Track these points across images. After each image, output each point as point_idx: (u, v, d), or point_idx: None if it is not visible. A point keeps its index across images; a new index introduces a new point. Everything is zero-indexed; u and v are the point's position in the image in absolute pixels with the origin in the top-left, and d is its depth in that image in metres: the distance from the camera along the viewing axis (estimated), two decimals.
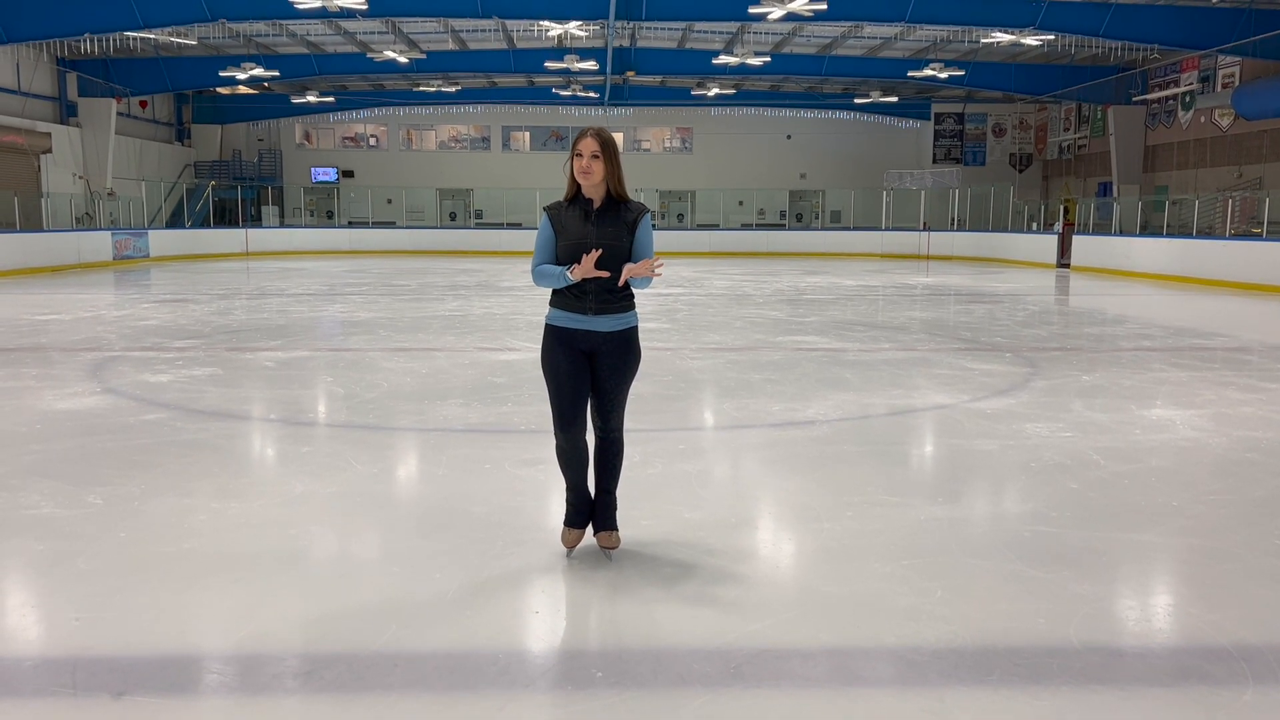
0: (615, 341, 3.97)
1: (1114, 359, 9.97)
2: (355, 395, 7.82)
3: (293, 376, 8.73)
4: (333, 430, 6.70)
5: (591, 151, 3.89)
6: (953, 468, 5.73)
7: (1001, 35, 22.15)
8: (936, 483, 5.41)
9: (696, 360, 9.72)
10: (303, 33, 27.05)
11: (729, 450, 6.26)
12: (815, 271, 24.78)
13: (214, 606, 3.62)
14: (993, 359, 9.83)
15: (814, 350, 10.45)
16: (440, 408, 7.28)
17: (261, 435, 6.54)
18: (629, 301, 4.00)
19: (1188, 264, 21.24)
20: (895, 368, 9.32)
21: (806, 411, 7.21)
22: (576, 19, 22.43)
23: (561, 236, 3.92)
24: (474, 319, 13.28)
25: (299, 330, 12.07)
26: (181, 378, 8.51)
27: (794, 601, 3.70)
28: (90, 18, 21.13)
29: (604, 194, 3.96)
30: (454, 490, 5.12)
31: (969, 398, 7.76)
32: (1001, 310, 15.18)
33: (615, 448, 4.11)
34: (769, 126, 38.17)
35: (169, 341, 10.85)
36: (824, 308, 15.23)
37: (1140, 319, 13.94)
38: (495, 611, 3.58)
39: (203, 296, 16.80)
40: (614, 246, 3.87)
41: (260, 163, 37.68)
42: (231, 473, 5.46)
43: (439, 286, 19.48)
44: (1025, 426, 6.69)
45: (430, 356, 9.90)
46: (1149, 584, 4.01)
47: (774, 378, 8.70)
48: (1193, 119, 27.38)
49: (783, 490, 5.23)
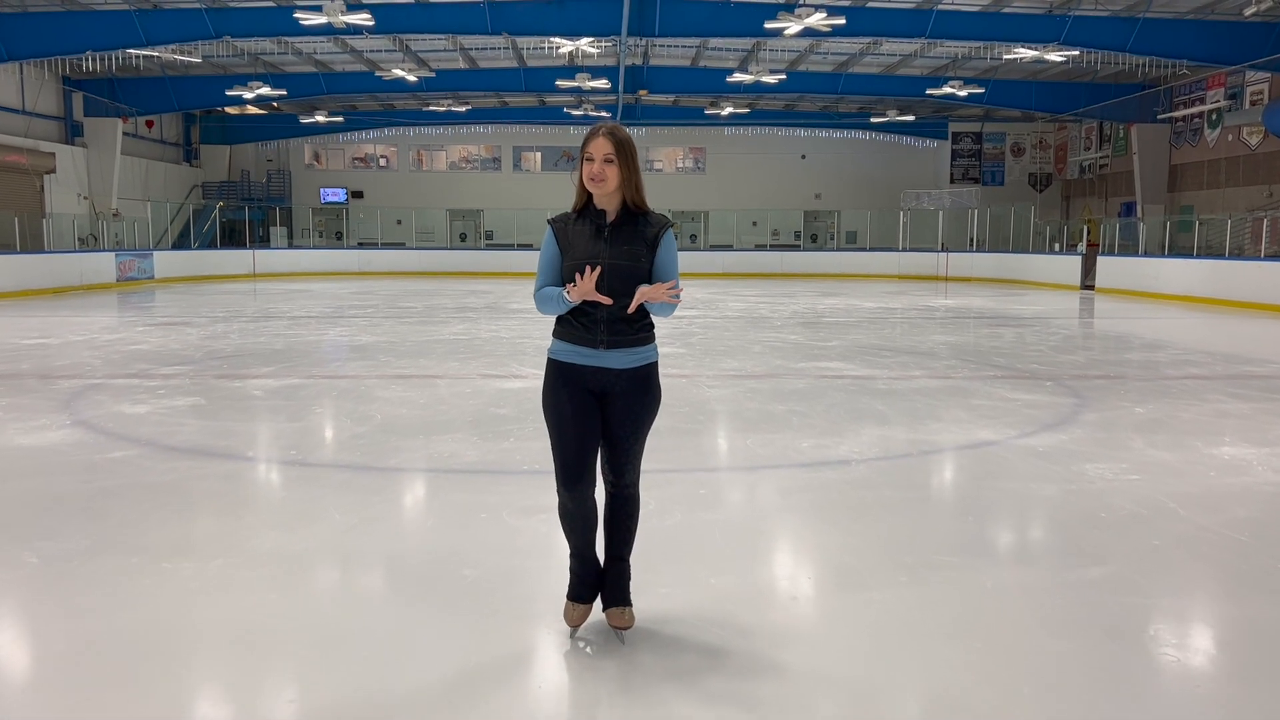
0: (631, 381, 3.31)
1: (1163, 388, 9.26)
2: (345, 429, 7.18)
3: (280, 407, 8.09)
4: (315, 471, 6.04)
5: (604, 154, 3.22)
6: (1014, 518, 5.05)
7: (1024, 51, 21.51)
8: (998, 537, 4.73)
9: (715, 389, 9.06)
10: (310, 51, 26.64)
11: (756, 496, 5.59)
12: (832, 293, 24.10)
13: (132, 710, 2.97)
14: (1033, 388, 9.14)
15: (840, 377, 9.77)
16: (436, 443, 6.63)
17: (234, 477, 5.89)
18: (648, 333, 3.34)
19: (1219, 286, 20.47)
20: (930, 398, 8.64)
21: (839, 449, 6.53)
22: (588, 35, 21.91)
23: (568, 255, 3.26)
24: (480, 343, 12.65)
25: (295, 355, 11.45)
26: (161, 408, 7.89)
27: (848, 702, 3.03)
28: (92, 36, 20.72)
29: (619, 205, 3.29)
30: (443, 546, 4.46)
31: (1016, 433, 7.08)
32: (1032, 334, 14.47)
33: (629, 506, 3.45)
34: (783, 146, 37.61)
35: (156, 368, 10.25)
36: (845, 331, 14.55)
37: (1180, 344, 13.22)
38: (481, 712, 2.92)
39: (201, 319, 16.23)
40: (630, 268, 3.22)
41: (269, 183, 37.28)
42: (193, 524, 4.81)
43: (446, 309, 18.88)
44: (1085, 468, 6.00)
45: (430, 385, 9.26)
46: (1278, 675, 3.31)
47: (799, 409, 8.03)
48: (1220, 137, 26.68)
49: (822, 548, 4.55)
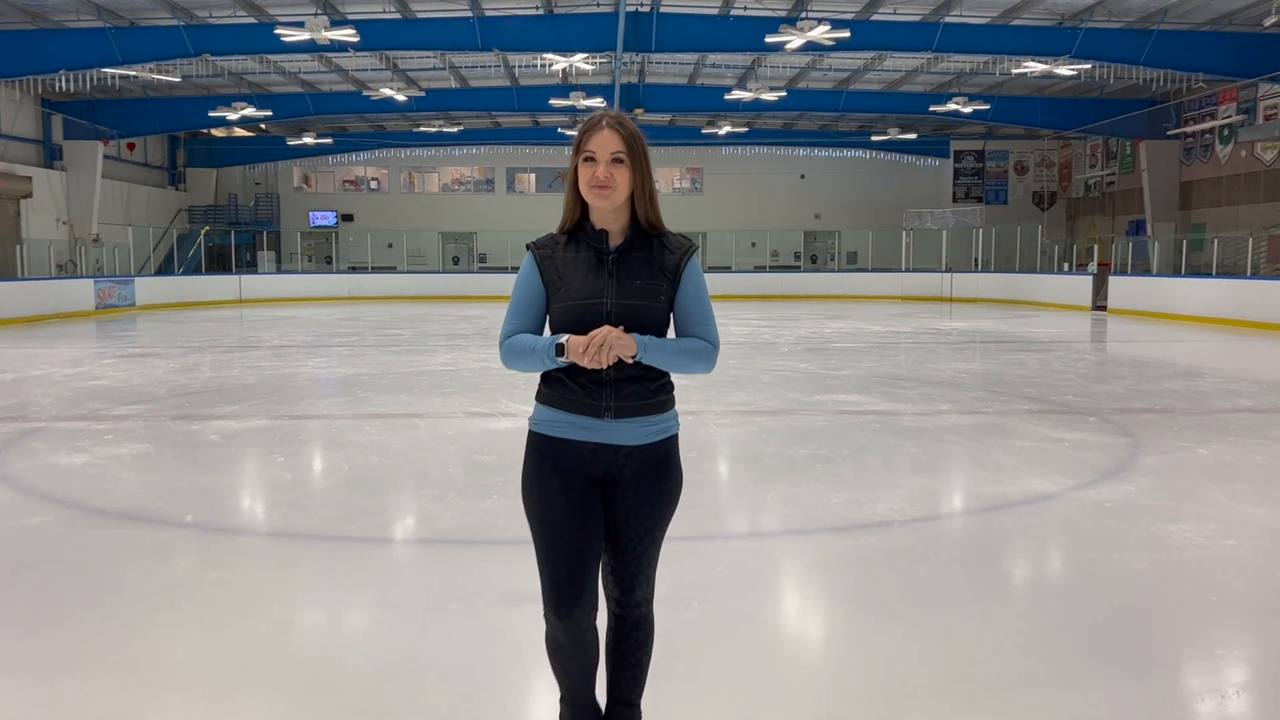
0: (645, 462, 2.42)
1: (1220, 424, 8.37)
2: (304, 484, 6.26)
3: (236, 456, 7.16)
4: (260, 543, 5.11)
5: (612, 152, 2.36)
6: (1106, 604, 4.12)
7: (1034, 65, 20.75)
8: (1100, 637, 3.76)
9: (724, 427, 8.16)
10: (295, 70, 25.84)
11: (786, 575, 4.66)
12: (837, 316, 23.23)
13: None
14: (1076, 425, 8.24)
15: (861, 413, 8.87)
16: (408, 502, 5.72)
17: (163, 552, 4.93)
18: (667, 394, 2.45)
19: (1240, 307, 19.61)
20: (966, 438, 7.74)
21: (875, 506, 5.62)
22: (582, 51, 21.11)
23: (558, 292, 2.38)
24: (466, 375, 11.73)
25: (266, 391, 10.53)
26: (101, 458, 6.97)
27: None
28: (66, 55, 19.88)
29: (627, 222, 2.42)
30: (402, 655, 3.54)
31: (1073, 482, 6.17)
32: (1056, 361, 13.59)
33: (641, 632, 2.54)
34: (782, 165, 36.84)
35: (110, 408, 9.32)
36: (857, 358, 13.67)
37: (1219, 370, 12.34)
38: None
39: (175, 350, 15.31)
40: (646, 309, 2.35)
41: (257, 207, 36.41)
42: (93, 622, 3.88)
43: (435, 336, 17.99)
44: (1168, 530, 5.10)
45: (409, 426, 8.34)
46: None
47: (822, 453, 7.13)
48: (1232, 153, 25.93)
49: (877, 657, 3.59)
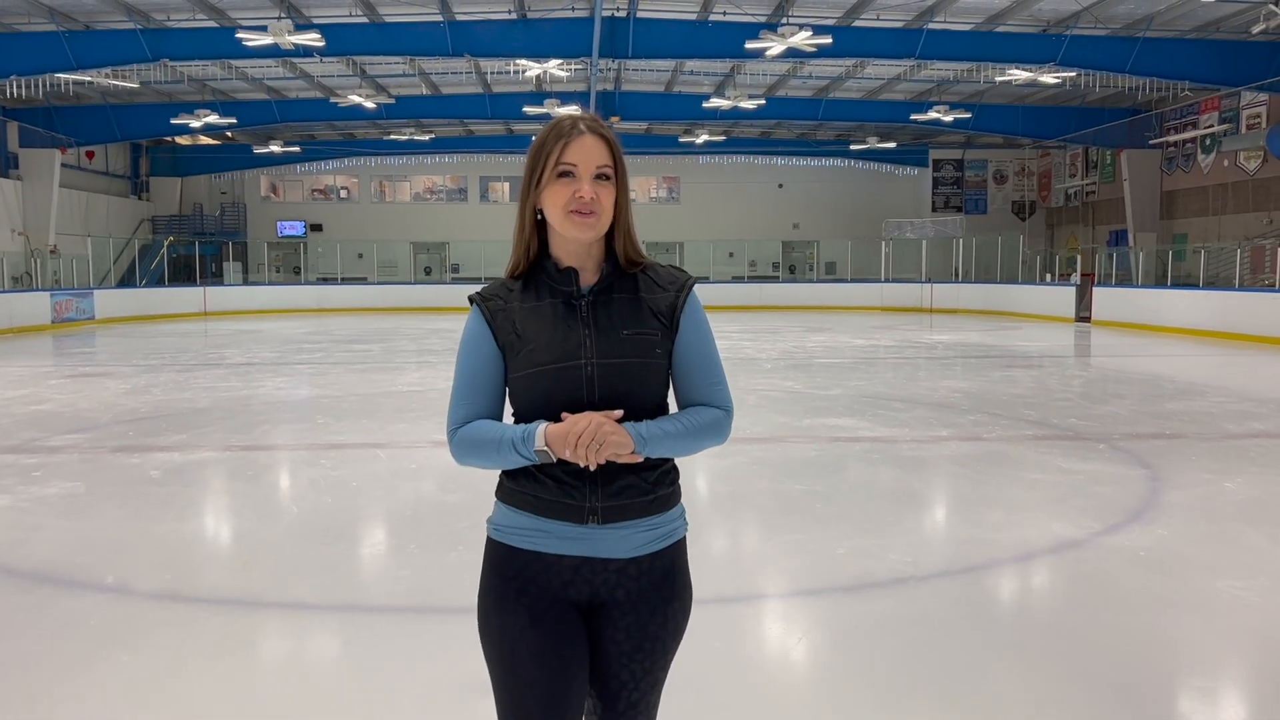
0: (645, 579, 1.83)
1: (1238, 451, 7.85)
2: (243, 535, 5.60)
3: (172, 499, 6.45)
4: (182, 611, 4.42)
5: (598, 167, 1.78)
6: (1164, 682, 3.54)
7: (1018, 72, 20.35)
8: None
9: (711, 458, 7.53)
10: (260, 76, 25.05)
11: (796, 652, 4.06)
12: (817, 328, 22.71)
13: None
14: (1087, 454, 7.70)
15: (856, 440, 8.30)
16: (358, 556, 5.07)
17: (73, 625, 4.22)
18: (670, 487, 1.85)
19: (1228, 318, 19.25)
20: (971, 470, 7.17)
21: (886, 556, 5.03)
22: (557, 58, 20.52)
23: (518, 355, 1.81)
24: (435, 396, 11.06)
25: (218, 417, 9.82)
26: (23, 502, 6.27)
27: None
28: (16, 59, 19.01)
29: (600, 256, 1.84)
30: None
31: (1098, 525, 5.61)
32: (1050, 378, 13.10)
33: None
34: (760, 175, 36.37)
35: (46, 438, 8.60)
36: (843, 375, 13.11)
37: (1219, 388, 11.87)
38: None
39: (129, 368, 14.54)
40: (641, 365, 1.77)
41: (223, 216, 35.50)
42: None
43: (405, 351, 17.30)
44: (1214, 584, 4.54)
45: (369, 458, 7.67)
46: None
47: (820, 489, 6.55)
48: (1214, 162, 25.66)
49: None
